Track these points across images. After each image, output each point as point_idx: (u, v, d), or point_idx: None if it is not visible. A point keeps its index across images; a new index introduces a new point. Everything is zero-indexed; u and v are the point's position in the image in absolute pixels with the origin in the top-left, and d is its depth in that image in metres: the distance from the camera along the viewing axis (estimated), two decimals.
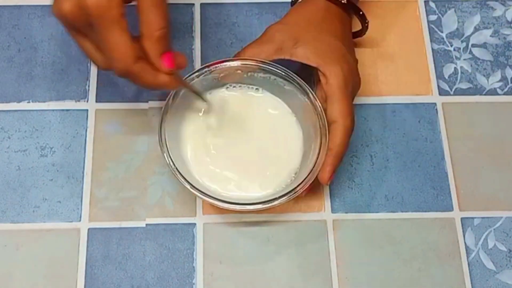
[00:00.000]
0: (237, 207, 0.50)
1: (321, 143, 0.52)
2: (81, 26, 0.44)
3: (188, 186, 0.50)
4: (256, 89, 0.57)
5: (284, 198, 0.50)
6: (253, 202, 0.50)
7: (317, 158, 0.51)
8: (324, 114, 0.52)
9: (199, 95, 0.54)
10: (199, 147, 0.55)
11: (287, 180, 0.53)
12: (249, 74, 0.55)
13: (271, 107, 0.56)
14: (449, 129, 0.60)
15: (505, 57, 0.64)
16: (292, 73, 0.54)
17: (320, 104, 0.53)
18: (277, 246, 0.55)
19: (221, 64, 0.54)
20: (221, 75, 0.55)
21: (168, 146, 0.51)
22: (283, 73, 0.54)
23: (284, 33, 0.54)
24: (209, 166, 0.54)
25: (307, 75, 0.55)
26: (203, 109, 0.55)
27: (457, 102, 0.62)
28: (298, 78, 0.54)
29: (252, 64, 0.54)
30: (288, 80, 0.54)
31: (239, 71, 0.55)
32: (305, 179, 0.51)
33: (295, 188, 0.50)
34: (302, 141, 0.55)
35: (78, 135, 0.59)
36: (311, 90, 0.54)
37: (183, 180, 0.50)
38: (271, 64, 0.54)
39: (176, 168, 0.50)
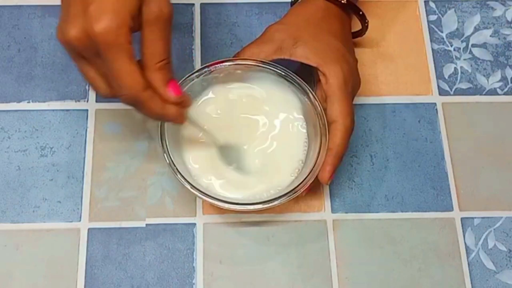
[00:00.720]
0: (237, 207, 0.50)
1: (321, 142, 0.52)
2: (86, 54, 0.44)
3: (188, 186, 0.50)
4: (256, 89, 0.57)
5: (284, 198, 0.50)
6: (253, 202, 0.50)
7: (317, 157, 0.51)
8: (324, 114, 0.52)
9: (208, 133, 0.53)
10: (199, 147, 0.54)
11: (287, 180, 0.53)
12: (249, 74, 0.55)
13: (272, 107, 0.56)
14: (449, 129, 0.60)
15: (505, 57, 0.64)
16: (291, 73, 0.54)
17: (320, 103, 0.53)
18: (277, 246, 0.55)
19: (221, 64, 0.54)
20: (221, 75, 0.55)
21: (168, 146, 0.51)
22: (283, 73, 0.54)
23: (284, 33, 0.54)
24: (209, 166, 0.54)
25: (307, 75, 0.55)
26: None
27: (457, 102, 0.62)
28: (298, 78, 0.54)
29: (251, 64, 0.54)
30: (287, 80, 0.54)
31: (239, 71, 0.55)
32: (305, 178, 0.51)
33: (295, 188, 0.50)
34: (303, 140, 0.55)
35: (78, 135, 0.59)
36: (310, 90, 0.54)
37: (183, 180, 0.50)
38: (271, 64, 0.54)
39: (176, 168, 0.50)
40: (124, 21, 0.41)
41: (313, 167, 0.51)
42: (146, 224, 0.56)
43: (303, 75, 0.54)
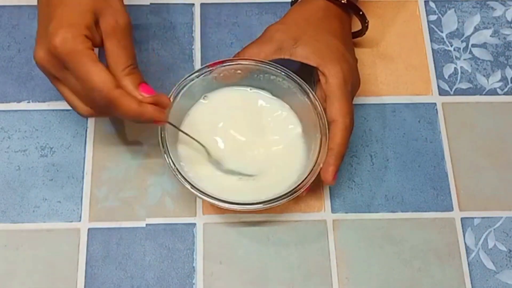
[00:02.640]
0: (237, 207, 0.50)
1: (321, 142, 0.52)
2: (57, 71, 0.46)
3: (188, 186, 0.50)
4: (256, 89, 0.57)
5: (284, 198, 0.50)
6: (253, 202, 0.50)
7: (317, 157, 0.51)
8: (324, 113, 0.52)
9: (189, 136, 0.53)
10: (199, 147, 0.54)
11: (287, 180, 0.53)
12: (249, 74, 0.55)
13: (271, 107, 0.56)
14: (449, 129, 0.60)
15: (505, 57, 0.64)
16: (292, 73, 0.54)
17: (320, 103, 0.53)
18: (277, 246, 0.55)
19: (221, 64, 0.54)
20: (221, 75, 0.55)
21: (168, 146, 0.51)
22: (283, 73, 0.54)
23: (284, 33, 0.54)
24: (209, 166, 0.54)
25: (307, 75, 0.55)
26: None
27: (457, 102, 0.62)
28: (298, 78, 0.54)
29: (252, 64, 0.54)
30: (288, 80, 0.54)
31: (239, 71, 0.55)
32: (305, 179, 0.51)
33: (296, 188, 0.50)
34: (302, 141, 0.55)
35: (78, 135, 0.59)
36: (311, 90, 0.54)
37: (183, 180, 0.50)
38: (271, 64, 0.54)
39: (177, 168, 0.50)
40: (79, 31, 0.44)
41: (313, 167, 0.51)
42: (146, 224, 0.56)
43: (303, 75, 0.54)
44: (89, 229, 0.55)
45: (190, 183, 0.50)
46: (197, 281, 0.54)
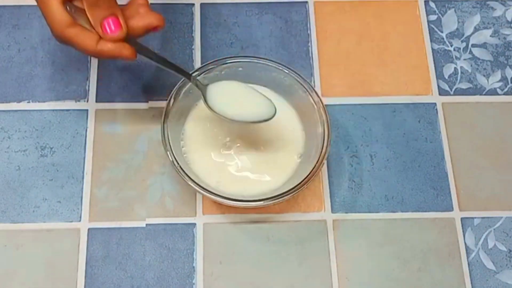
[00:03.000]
0: (239, 204, 0.50)
1: (323, 139, 0.52)
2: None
3: (191, 183, 0.50)
4: (258, 86, 0.57)
5: (285, 195, 0.50)
6: (255, 199, 0.50)
7: (320, 154, 0.51)
8: (325, 110, 0.53)
9: (172, 67, 0.51)
10: (201, 145, 0.55)
11: (288, 176, 0.53)
12: (250, 71, 0.56)
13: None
14: (449, 129, 0.60)
15: (505, 57, 0.64)
16: (293, 70, 0.54)
17: (320, 99, 0.53)
18: (277, 246, 0.55)
19: (222, 62, 0.55)
20: (223, 72, 0.56)
21: (171, 144, 0.51)
22: (285, 70, 0.54)
23: None
24: (211, 164, 0.54)
25: (308, 74, 0.55)
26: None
27: (457, 102, 0.62)
28: (299, 74, 0.54)
29: (253, 62, 0.55)
30: (289, 77, 0.55)
31: (240, 69, 0.55)
32: (307, 176, 0.51)
33: (297, 185, 0.50)
34: (303, 137, 0.55)
35: (78, 135, 0.59)
36: (312, 87, 0.54)
37: (186, 177, 0.50)
38: (273, 61, 0.55)
39: (180, 166, 0.50)
40: None
41: (316, 163, 0.51)
42: (146, 224, 0.56)
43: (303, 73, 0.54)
44: (89, 229, 0.55)
45: (193, 180, 0.50)
46: (197, 281, 0.54)
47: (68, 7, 0.47)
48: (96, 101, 0.60)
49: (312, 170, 0.51)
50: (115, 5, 0.47)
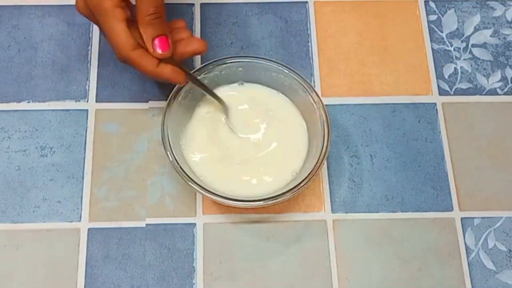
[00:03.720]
0: (239, 204, 0.50)
1: (323, 139, 0.52)
2: (92, 20, 0.51)
3: (191, 183, 0.50)
4: (258, 86, 0.57)
5: (286, 195, 0.50)
6: (255, 199, 0.50)
7: (320, 154, 0.51)
8: (325, 110, 0.53)
9: (210, 93, 0.54)
10: (201, 145, 0.55)
11: (289, 178, 0.53)
12: (250, 71, 0.56)
13: (273, 104, 0.57)
14: (449, 129, 0.60)
15: (505, 57, 0.64)
16: (293, 70, 0.54)
17: (321, 100, 0.53)
18: (277, 246, 0.55)
19: (222, 62, 0.55)
20: (223, 72, 0.56)
21: (171, 144, 0.51)
22: (285, 70, 0.54)
23: None
24: (211, 164, 0.54)
25: (308, 74, 0.55)
26: (205, 108, 0.55)
27: (457, 102, 0.62)
28: (300, 74, 0.54)
29: (253, 62, 0.55)
30: (289, 77, 0.55)
31: (240, 69, 0.56)
32: (307, 176, 0.51)
33: (297, 185, 0.50)
34: (304, 137, 0.55)
35: (78, 135, 0.59)
36: (312, 87, 0.54)
37: (186, 177, 0.50)
38: (273, 61, 0.55)
39: (180, 166, 0.51)
40: None
41: (316, 163, 0.51)
42: (146, 224, 0.56)
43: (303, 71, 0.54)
44: (89, 229, 0.55)
45: (193, 180, 0.50)
46: (197, 281, 0.54)
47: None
48: (96, 101, 0.60)
49: (312, 170, 0.51)
50: (165, 27, 0.50)
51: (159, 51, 0.49)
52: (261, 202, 0.50)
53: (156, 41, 0.49)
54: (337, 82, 0.62)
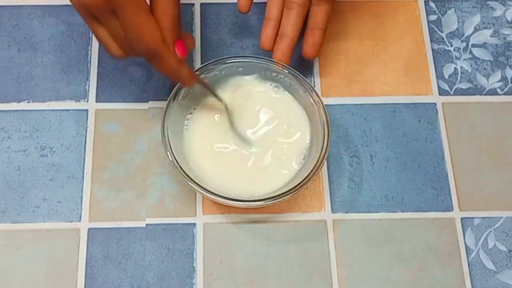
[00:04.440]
0: (240, 204, 0.50)
1: (324, 138, 0.52)
2: (101, 14, 0.46)
3: (191, 183, 0.50)
4: (258, 86, 0.57)
5: (285, 195, 0.50)
6: (255, 199, 0.50)
7: (320, 153, 0.51)
8: (325, 109, 0.53)
9: (213, 93, 0.55)
10: (202, 144, 0.55)
11: (289, 178, 0.53)
12: (251, 71, 0.56)
13: (274, 103, 0.57)
14: (449, 129, 0.60)
15: (505, 57, 0.64)
16: (293, 69, 0.54)
17: (321, 99, 0.53)
18: (277, 246, 0.55)
19: (222, 62, 0.55)
20: (223, 72, 0.56)
21: (171, 144, 0.51)
22: (286, 70, 0.54)
23: None
24: (212, 163, 0.54)
25: (308, 74, 0.55)
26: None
27: (457, 102, 0.62)
28: (300, 74, 0.54)
29: (254, 62, 0.55)
30: (289, 77, 0.55)
31: (240, 69, 0.56)
32: (307, 176, 0.51)
33: (297, 185, 0.50)
34: (305, 137, 0.55)
35: (78, 135, 0.59)
36: (312, 86, 0.54)
37: (186, 177, 0.50)
38: (273, 61, 0.55)
39: (180, 166, 0.51)
40: None
41: (316, 163, 0.51)
42: (146, 224, 0.56)
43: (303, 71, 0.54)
44: (89, 229, 0.55)
45: (193, 180, 0.50)
46: (197, 281, 0.54)
47: None
48: (96, 101, 0.60)
49: (312, 170, 0.51)
50: (180, 32, 0.50)
51: (180, 53, 0.49)
52: (261, 202, 0.50)
53: (178, 44, 0.49)
54: (337, 82, 0.62)
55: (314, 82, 0.61)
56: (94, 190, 0.57)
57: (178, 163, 0.51)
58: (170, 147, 0.51)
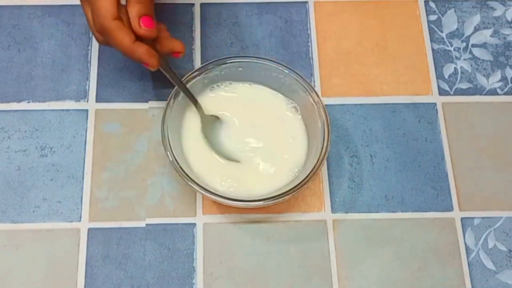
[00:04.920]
0: (239, 204, 0.50)
1: (323, 138, 0.52)
2: None
3: (191, 183, 0.50)
4: (258, 86, 0.57)
5: (285, 195, 0.50)
6: (255, 199, 0.50)
7: (320, 153, 0.51)
8: (325, 109, 0.53)
9: (185, 93, 0.54)
10: (202, 144, 0.55)
11: (289, 178, 0.53)
12: (250, 71, 0.56)
13: (275, 104, 0.57)
14: (449, 129, 0.60)
15: (505, 57, 0.64)
16: (293, 69, 0.54)
17: (321, 100, 0.53)
18: (277, 246, 0.55)
19: (222, 62, 0.55)
20: (223, 72, 0.56)
21: (171, 144, 0.51)
22: (286, 70, 0.54)
23: None
24: (212, 164, 0.54)
25: (308, 74, 0.55)
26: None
27: (457, 102, 0.62)
28: (300, 74, 0.54)
29: (253, 62, 0.55)
30: (289, 77, 0.55)
31: (240, 69, 0.56)
32: (307, 176, 0.51)
33: (297, 185, 0.50)
34: (304, 137, 0.55)
35: (78, 135, 0.59)
36: (312, 86, 0.54)
37: (186, 177, 0.50)
38: (273, 61, 0.55)
39: (180, 166, 0.51)
40: None
41: (316, 163, 0.51)
42: (146, 224, 0.56)
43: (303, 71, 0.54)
44: (89, 229, 0.55)
45: (193, 180, 0.50)
46: (197, 281, 0.54)
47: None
48: (96, 101, 0.60)
49: (312, 170, 0.51)
50: (152, 9, 0.50)
51: (144, 28, 0.49)
52: (261, 202, 0.50)
53: (144, 18, 0.49)
54: (337, 82, 0.62)
55: (314, 82, 0.61)
56: (94, 190, 0.57)
57: (178, 163, 0.51)
58: (170, 147, 0.51)
